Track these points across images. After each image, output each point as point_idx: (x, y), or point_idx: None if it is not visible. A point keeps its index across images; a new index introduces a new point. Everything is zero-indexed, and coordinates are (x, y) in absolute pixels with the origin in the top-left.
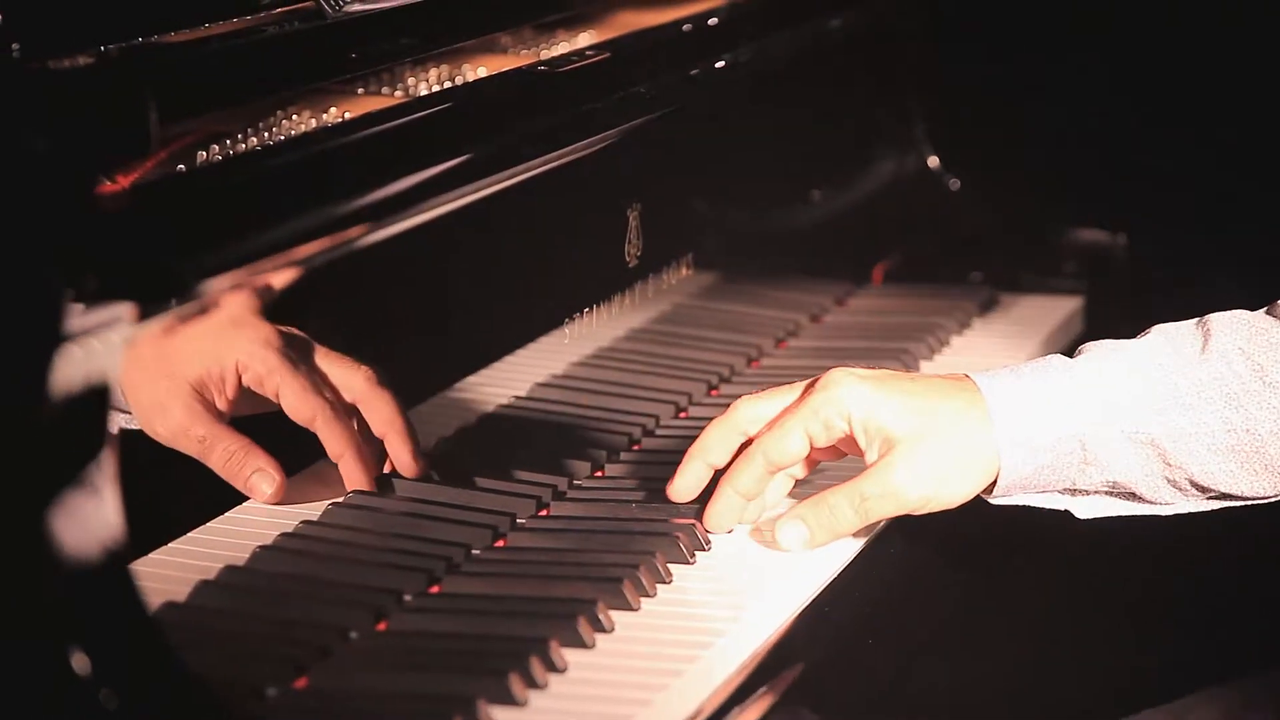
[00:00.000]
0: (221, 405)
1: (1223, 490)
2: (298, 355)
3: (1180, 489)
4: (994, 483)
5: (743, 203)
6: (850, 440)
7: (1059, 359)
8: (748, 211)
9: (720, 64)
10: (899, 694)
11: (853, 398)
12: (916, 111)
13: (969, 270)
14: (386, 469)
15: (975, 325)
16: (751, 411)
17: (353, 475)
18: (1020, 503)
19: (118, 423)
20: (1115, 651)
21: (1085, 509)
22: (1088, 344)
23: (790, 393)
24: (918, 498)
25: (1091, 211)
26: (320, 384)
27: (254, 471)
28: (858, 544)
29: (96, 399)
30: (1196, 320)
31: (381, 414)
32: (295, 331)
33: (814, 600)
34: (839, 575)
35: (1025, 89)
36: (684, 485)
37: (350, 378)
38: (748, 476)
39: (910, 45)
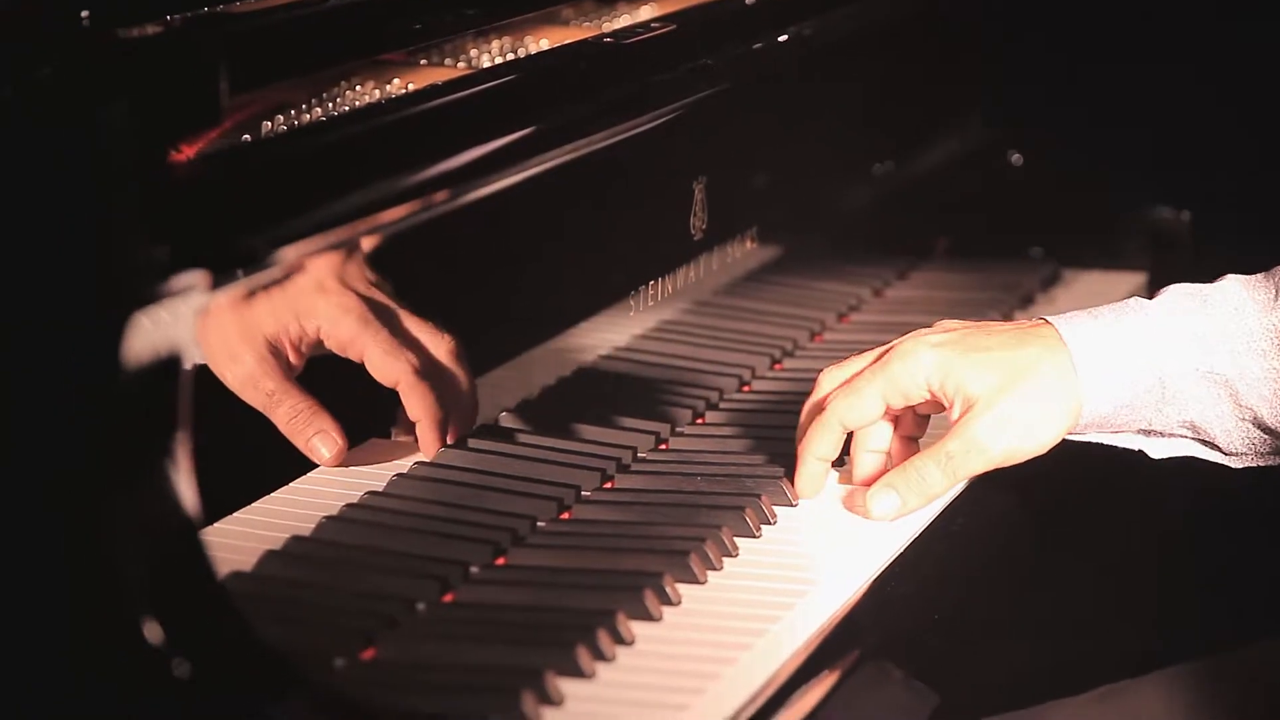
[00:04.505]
0: (296, 364)
1: None
2: (380, 319)
3: (1248, 436)
4: None
5: (806, 176)
6: (934, 403)
7: (1135, 300)
8: (811, 185)
9: (784, 37)
10: (962, 673)
11: (928, 366)
12: (979, 86)
13: (1030, 245)
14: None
15: (1038, 300)
16: (834, 382)
17: (428, 440)
18: (1095, 440)
19: (189, 393)
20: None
21: (1159, 449)
22: (1165, 288)
23: (866, 360)
24: (1003, 449)
25: (1156, 189)
26: (404, 347)
27: (316, 433)
28: (927, 515)
29: (168, 369)
30: (1269, 271)
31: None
32: (376, 295)
33: (881, 574)
34: (906, 549)
35: (1089, 64)
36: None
37: (434, 344)
38: (825, 442)
39: (973, 20)
